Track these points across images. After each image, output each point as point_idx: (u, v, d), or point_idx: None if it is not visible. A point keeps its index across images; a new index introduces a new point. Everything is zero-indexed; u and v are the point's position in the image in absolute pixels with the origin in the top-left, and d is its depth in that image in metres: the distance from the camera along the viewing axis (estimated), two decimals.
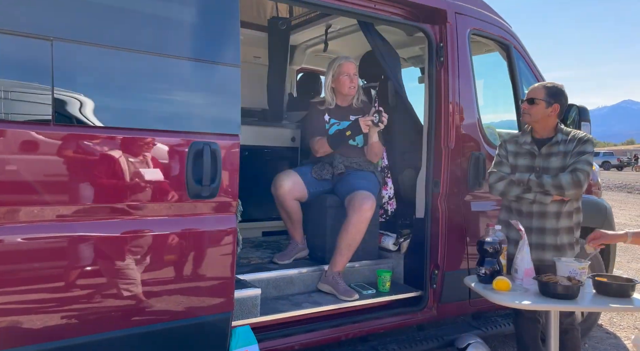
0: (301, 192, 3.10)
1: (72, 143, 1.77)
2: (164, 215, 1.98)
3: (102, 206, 1.84)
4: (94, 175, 1.81)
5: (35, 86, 1.70)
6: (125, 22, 1.86)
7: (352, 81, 3.18)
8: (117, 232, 1.88)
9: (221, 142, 2.08)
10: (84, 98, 1.78)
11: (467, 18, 3.17)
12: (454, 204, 3.11)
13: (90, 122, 1.80)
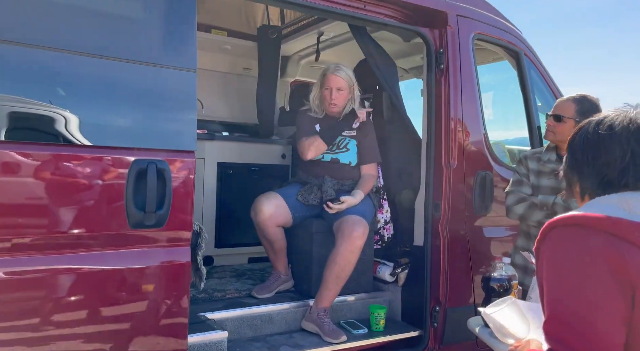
0: (285, 217, 2.74)
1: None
2: (97, 249, 1.64)
3: (15, 241, 1.50)
4: (2, 202, 1.48)
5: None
6: (44, 16, 1.56)
7: (332, 97, 2.79)
8: (36, 272, 1.54)
9: (171, 160, 1.75)
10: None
11: (470, 21, 2.84)
12: (457, 230, 2.73)
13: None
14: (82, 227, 1.60)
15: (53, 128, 1.56)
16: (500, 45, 3.07)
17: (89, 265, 1.62)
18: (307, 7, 2.40)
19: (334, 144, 2.86)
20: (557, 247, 1.00)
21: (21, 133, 1.52)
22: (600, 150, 1.07)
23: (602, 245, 0.93)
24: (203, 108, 4.00)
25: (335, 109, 2.83)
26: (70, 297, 1.60)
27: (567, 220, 1.01)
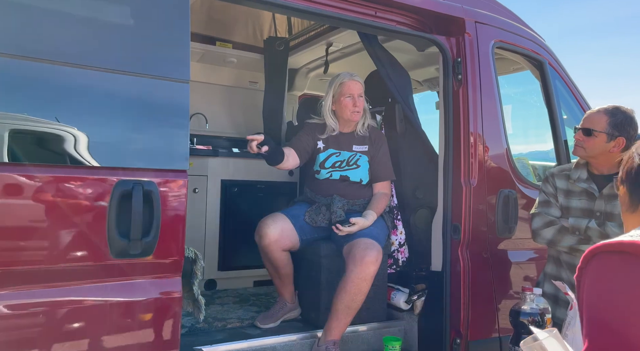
0: (291, 241, 2.53)
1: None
2: (75, 282, 1.45)
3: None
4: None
5: None
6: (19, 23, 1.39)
7: (355, 104, 2.63)
8: (4, 308, 1.35)
9: (160, 180, 1.56)
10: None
11: (490, 28, 2.64)
12: (479, 254, 2.50)
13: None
14: (58, 258, 1.41)
15: (23, 146, 1.38)
16: (522, 53, 2.86)
17: (65, 300, 1.43)
18: (315, 15, 2.23)
19: (344, 160, 2.66)
20: (601, 276, 0.94)
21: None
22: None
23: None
24: (207, 123, 3.86)
25: (359, 117, 2.66)
26: (45, 336, 1.41)
27: (614, 246, 0.93)
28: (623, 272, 0.90)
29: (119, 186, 1.48)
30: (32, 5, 1.38)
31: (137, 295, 1.54)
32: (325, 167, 2.66)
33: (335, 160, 2.67)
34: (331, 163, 2.66)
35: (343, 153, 2.68)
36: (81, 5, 1.46)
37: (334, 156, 2.68)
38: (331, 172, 2.64)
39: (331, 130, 2.70)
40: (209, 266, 3.27)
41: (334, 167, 2.65)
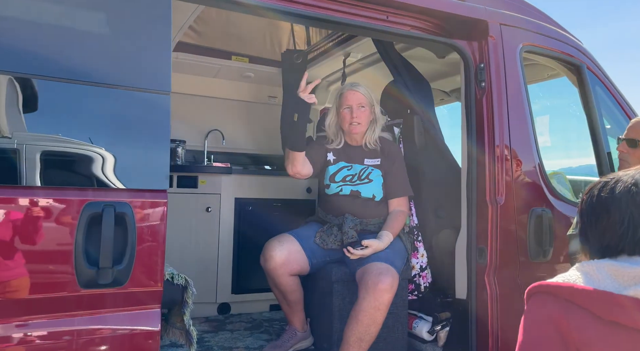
0: (300, 264, 2.34)
1: None
2: (39, 316, 1.32)
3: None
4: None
5: None
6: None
7: (353, 116, 2.42)
8: None
9: (136, 202, 1.43)
10: None
11: (517, 31, 2.40)
12: (509, 281, 2.23)
13: None
14: (19, 289, 1.29)
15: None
16: (557, 58, 2.60)
17: (28, 336, 1.30)
18: (319, 21, 2.07)
19: (355, 175, 2.46)
20: (526, 315, 1.09)
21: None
22: (602, 213, 1.08)
23: (557, 311, 1.02)
24: (224, 139, 3.76)
25: (358, 129, 2.44)
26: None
27: (541, 288, 1.08)
28: (538, 309, 1.06)
29: (87, 209, 1.35)
30: (3, 17, 1.29)
31: (109, 331, 1.39)
32: (336, 181, 2.47)
33: (347, 173, 2.48)
34: (342, 176, 2.47)
35: (355, 167, 2.49)
36: (52, 13, 1.36)
37: (345, 169, 2.50)
38: (341, 187, 2.45)
39: (333, 142, 2.54)
40: (222, 289, 3.13)
41: (344, 181, 2.46)
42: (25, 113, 1.33)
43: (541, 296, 1.07)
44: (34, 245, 1.30)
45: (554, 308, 1.03)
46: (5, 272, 1.28)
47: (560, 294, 1.04)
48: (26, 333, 1.30)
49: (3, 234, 1.27)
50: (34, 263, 1.31)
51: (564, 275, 1.08)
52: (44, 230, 1.31)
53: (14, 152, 1.29)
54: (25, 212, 1.30)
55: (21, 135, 1.31)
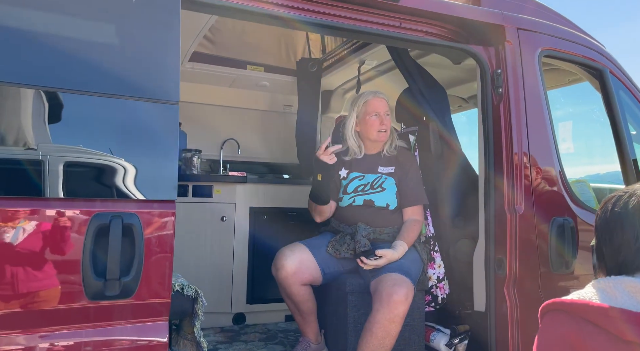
0: (312, 274, 2.31)
1: None
2: (46, 328, 1.32)
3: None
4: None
5: None
6: None
7: (382, 122, 2.43)
8: None
9: (144, 212, 1.42)
10: None
11: (535, 35, 2.34)
12: (530, 293, 2.15)
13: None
14: (27, 301, 1.29)
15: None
16: (578, 62, 2.52)
17: (35, 348, 1.30)
18: (333, 28, 2.05)
19: (368, 184, 2.43)
20: (540, 334, 1.07)
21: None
22: (615, 229, 1.06)
23: (571, 330, 0.99)
24: (239, 148, 3.77)
25: (385, 137, 2.46)
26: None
27: (555, 305, 1.05)
28: (554, 328, 1.03)
29: (95, 220, 1.35)
30: (10, 28, 1.31)
31: (117, 343, 1.38)
32: (348, 192, 2.44)
33: (358, 183, 2.45)
34: (353, 187, 2.44)
35: (367, 177, 2.45)
36: (62, 25, 1.37)
37: (356, 180, 2.46)
38: (354, 197, 2.42)
39: (354, 153, 2.49)
40: (237, 299, 3.11)
41: (356, 191, 2.43)
42: (31, 125, 1.33)
43: (555, 314, 1.05)
44: (42, 257, 1.30)
45: (568, 327, 1.00)
46: (13, 284, 1.28)
47: (575, 312, 1.01)
48: (34, 346, 1.30)
49: (11, 245, 1.27)
50: (42, 275, 1.31)
51: (580, 292, 1.05)
52: (52, 242, 1.31)
53: (20, 163, 1.30)
54: (34, 223, 1.30)
55: (28, 146, 1.31)
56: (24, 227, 1.29)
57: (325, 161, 2.32)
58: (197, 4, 1.69)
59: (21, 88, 1.31)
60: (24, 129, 1.32)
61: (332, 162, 2.34)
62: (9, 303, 1.27)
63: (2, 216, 1.27)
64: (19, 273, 1.28)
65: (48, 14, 1.35)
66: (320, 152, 2.34)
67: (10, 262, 1.27)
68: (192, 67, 3.31)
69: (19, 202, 1.29)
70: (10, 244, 1.27)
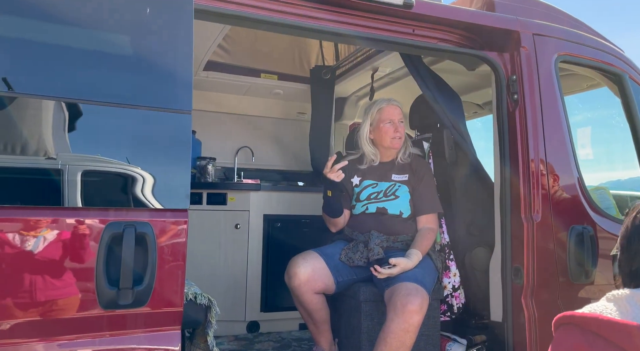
0: (324, 282, 2.29)
1: None
2: (60, 337, 1.33)
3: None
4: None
5: None
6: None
7: (396, 130, 2.42)
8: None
9: (156, 221, 1.42)
10: None
11: (551, 40, 2.31)
12: (549, 303, 2.10)
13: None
14: (42, 310, 1.30)
15: (0, 186, 1.31)
16: (595, 67, 2.47)
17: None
18: (346, 37, 2.06)
19: (381, 191, 2.41)
20: (554, 347, 1.07)
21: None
22: (634, 238, 1.06)
23: (582, 345, 0.98)
24: (253, 156, 3.78)
25: (400, 144, 2.45)
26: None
27: (567, 319, 1.04)
28: (565, 342, 1.02)
29: (108, 229, 1.36)
30: (22, 38, 1.33)
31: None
32: (360, 200, 2.43)
33: (371, 191, 2.44)
34: (366, 195, 2.43)
35: (380, 184, 2.44)
36: (76, 37, 1.40)
37: (369, 188, 2.45)
38: (367, 205, 2.40)
39: (370, 160, 2.48)
40: (251, 307, 3.10)
41: (369, 199, 2.41)
42: (47, 135, 1.35)
43: (567, 327, 1.04)
44: (57, 265, 1.32)
45: (579, 340, 1.00)
46: (29, 292, 1.29)
47: (586, 325, 0.99)
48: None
49: (26, 254, 1.29)
50: (57, 283, 1.32)
51: (592, 305, 1.05)
52: (67, 251, 1.33)
53: (35, 172, 1.32)
54: (50, 232, 1.32)
55: (43, 156, 1.33)
56: (40, 236, 1.31)
57: (333, 179, 2.32)
58: (210, 14, 1.71)
59: (36, 99, 1.33)
60: (38, 139, 1.34)
61: (339, 180, 2.33)
62: (25, 311, 1.28)
63: (19, 225, 1.28)
64: (35, 282, 1.29)
65: (63, 26, 1.37)
66: (326, 170, 2.34)
67: (26, 270, 1.29)
68: (206, 75, 3.34)
69: (34, 211, 1.31)
70: (26, 252, 1.29)
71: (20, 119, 1.33)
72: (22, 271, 1.28)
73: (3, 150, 1.29)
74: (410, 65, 2.59)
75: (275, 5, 1.85)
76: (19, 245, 1.28)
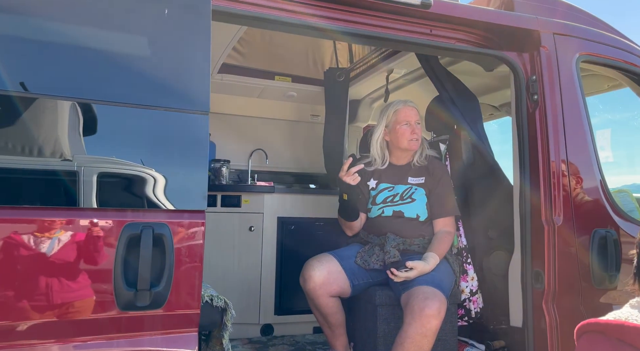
0: (340, 285, 2.26)
1: None
2: (78, 338, 1.32)
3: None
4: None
5: None
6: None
7: (413, 131, 2.39)
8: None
9: (174, 222, 1.41)
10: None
11: (572, 40, 2.26)
12: (571, 308, 2.05)
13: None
14: (56, 311, 1.30)
15: (18, 187, 1.30)
16: (617, 67, 2.42)
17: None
18: (362, 37, 2.03)
19: (397, 194, 2.38)
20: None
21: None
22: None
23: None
24: (267, 159, 3.78)
25: (417, 145, 2.42)
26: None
27: (590, 326, 1.03)
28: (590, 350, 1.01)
29: (126, 230, 1.35)
30: (43, 40, 1.34)
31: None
32: (377, 203, 2.40)
33: (388, 194, 2.41)
34: (382, 198, 2.40)
35: (397, 187, 2.41)
36: (94, 38, 1.39)
37: (386, 191, 2.42)
38: (383, 208, 2.37)
39: (376, 163, 2.48)
40: (265, 310, 3.09)
41: (385, 202, 2.38)
42: (63, 136, 1.35)
43: (591, 335, 1.03)
44: (75, 266, 1.31)
45: (604, 348, 0.99)
46: (47, 293, 1.29)
47: (611, 332, 0.98)
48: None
49: (45, 255, 1.29)
50: (76, 284, 1.31)
51: (616, 312, 1.03)
52: (86, 252, 1.32)
53: (53, 173, 1.32)
54: (68, 233, 1.31)
55: (61, 157, 1.33)
56: (59, 237, 1.30)
57: (348, 182, 2.29)
58: (228, 15, 1.70)
59: (55, 100, 1.33)
60: (56, 141, 1.34)
61: (355, 183, 2.30)
62: (43, 312, 1.28)
63: (39, 226, 1.28)
64: (54, 282, 1.29)
65: (81, 27, 1.37)
66: (342, 173, 2.30)
67: (45, 271, 1.28)
68: (221, 78, 3.34)
69: (52, 211, 1.31)
70: (46, 253, 1.29)
71: (39, 120, 1.33)
72: (40, 272, 1.28)
73: (22, 151, 1.29)
74: (426, 66, 2.56)
75: (291, 5, 1.83)
76: (38, 246, 1.28)
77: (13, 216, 1.27)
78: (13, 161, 1.28)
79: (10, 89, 1.27)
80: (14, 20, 1.31)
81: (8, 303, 1.24)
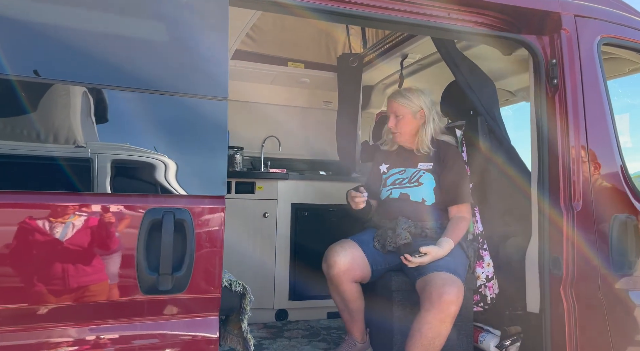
0: (362, 271, 2.27)
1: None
2: (100, 321, 1.34)
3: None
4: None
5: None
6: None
7: (395, 125, 2.43)
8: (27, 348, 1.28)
9: (195, 208, 1.42)
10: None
11: (594, 22, 2.21)
12: (589, 294, 2.04)
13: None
14: (81, 294, 1.31)
15: (41, 171, 1.31)
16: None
17: (89, 341, 1.32)
18: (378, 21, 2.00)
19: (406, 178, 2.39)
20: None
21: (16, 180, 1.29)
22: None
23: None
24: (280, 145, 3.77)
25: (399, 138, 2.46)
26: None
27: None
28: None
29: (148, 215, 1.36)
30: (61, 27, 1.33)
31: (169, 337, 1.39)
32: (387, 185, 2.45)
33: (398, 177, 2.44)
34: (392, 180, 2.44)
35: (407, 171, 2.44)
36: (111, 23, 1.39)
37: (397, 174, 2.47)
38: (391, 190, 2.41)
39: (386, 144, 2.56)
40: (279, 295, 3.11)
41: (394, 184, 2.42)
42: (85, 122, 1.36)
43: None
44: (99, 251, 1.33)
45: None
46: (72, 277, 1.30)
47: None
48: (92, 337, 1.32)
49: (69, 240, 1.30)
50: (101, 268, 1.33)
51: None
52: (109, 237, 1.34)
53: (76, 160, 1.33)
54: (94, 218, 1.33)
55: (82, 144, 1.34)
56: (81, 223, 1.31)
57: (353, 207, 2.31)
58: (246, 0, 1.69)
59: (77, 86, 1.34)
60: (79, 127, 1.34)
61: (360, 208, 2.31)
62: (69, 295, 1.30)
63: (66, 211, 1.30)
64: (78, 267, 1.31)
65: (101, 14, 1.37)
66: (352, 194, 2.30)
67: (69, 256, 1.30)
68: (234, 64, 3.33)
69: (80, 197, 1.32)
70: (71, 238, 1.30)
71: (61, 107, 1.33)
72: (64, 257, 1.30)
73: (46, 138, 1.30)
74: (442, 50, 2.53)
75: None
76: (61, 230, 1.29)
77: (45, 201, 1.28)
78: (47, 149, 1.30)
79: (35, 76, 1.28)
80: (35, 6, 1.31)
81: (37, 286, 1.26)
